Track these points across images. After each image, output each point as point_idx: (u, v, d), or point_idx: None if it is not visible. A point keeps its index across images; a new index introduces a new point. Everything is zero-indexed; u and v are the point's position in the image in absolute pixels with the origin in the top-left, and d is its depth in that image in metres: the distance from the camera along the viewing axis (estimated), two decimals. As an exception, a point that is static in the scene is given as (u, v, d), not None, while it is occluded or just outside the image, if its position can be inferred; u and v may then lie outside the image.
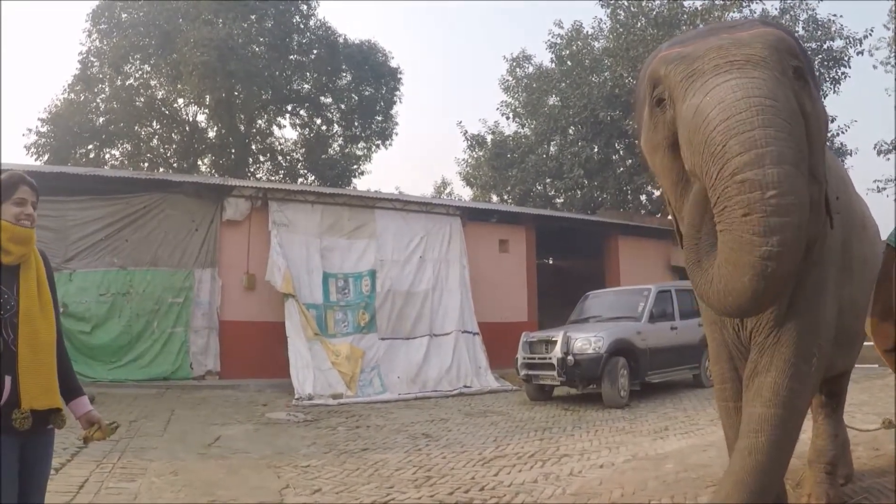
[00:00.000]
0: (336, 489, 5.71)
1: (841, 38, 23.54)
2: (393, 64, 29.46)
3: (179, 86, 26.20)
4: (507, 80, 31.11)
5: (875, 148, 23.08)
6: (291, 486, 5.83)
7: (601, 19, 27.19)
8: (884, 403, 8.10)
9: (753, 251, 2.47)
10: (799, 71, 2.69)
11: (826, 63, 23.52)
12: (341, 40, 28.06)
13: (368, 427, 9.19)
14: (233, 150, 28.19)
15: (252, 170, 29.39)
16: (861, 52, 23.43)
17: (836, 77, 23.75)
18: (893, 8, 20.07)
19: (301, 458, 7.07)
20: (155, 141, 29.25)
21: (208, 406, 10.44)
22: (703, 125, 2.50)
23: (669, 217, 3.36)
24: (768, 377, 3.26)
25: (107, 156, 27.62)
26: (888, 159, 23.50)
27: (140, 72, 26.93)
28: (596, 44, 28.03)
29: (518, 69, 30.92)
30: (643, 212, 26.19)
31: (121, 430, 3.25)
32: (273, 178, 29.42)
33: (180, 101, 28.34)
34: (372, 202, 15.12)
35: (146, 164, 27.93)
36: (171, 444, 7.52)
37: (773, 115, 2.44)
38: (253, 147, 29.87)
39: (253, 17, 25.99)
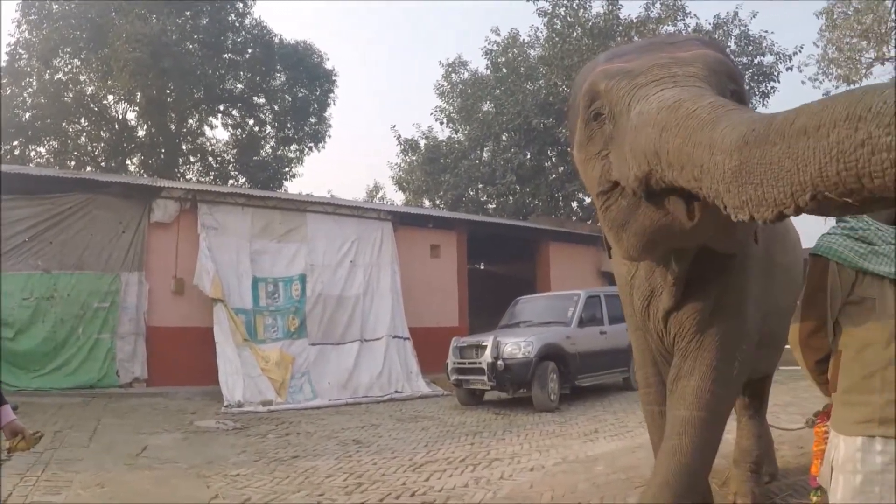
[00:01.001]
0: (266, 498, 5.70)
1: (771, 54, 24.62)
2: (328, 66, 29.29)
3: (110, 82, 25.32)
4: (442, 86, 31.34)
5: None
6: (221, 495, 5.79)
7: (538, 28, 27.54)
8: (808, 404, 8.37)
9: None
10: (736, 94, 2.75)
11: (756, 77, 24.45)
12: (277, 40, 27.69)
13: (299, 434, 9.15)
14: (163, 150, 27.51)
15: (182, 170, 28.72)
16: (790, 68, 24.51)
17: (766, 91, 24.82)
18: (824, 27, 20.91)
19: (231, 466, 7.01)
20: (83, 138, 28.21)
21: (136, 415, 10.20)
22: (645, 124, 2.44)
23: (599, 224, 3.41)
24: (691, 381, 3.36)
25: (32, 153, 26.56)
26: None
27: (69, 66, 25.96)
28: (532, 52, 28.40)
29: (453, 74, 31.15)
30: (574, 218, 26.66)
31: (45, 440, 3.19)
32: (203, 179, 28.81)
33: (110, 97, 27.44)
34: (303, 206, 15.00)
35: (73, 163, 26.94)
36: (98, 454, 7.36)
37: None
38: (183, 147, 29.16)
39: (188, 13, 25.50)
